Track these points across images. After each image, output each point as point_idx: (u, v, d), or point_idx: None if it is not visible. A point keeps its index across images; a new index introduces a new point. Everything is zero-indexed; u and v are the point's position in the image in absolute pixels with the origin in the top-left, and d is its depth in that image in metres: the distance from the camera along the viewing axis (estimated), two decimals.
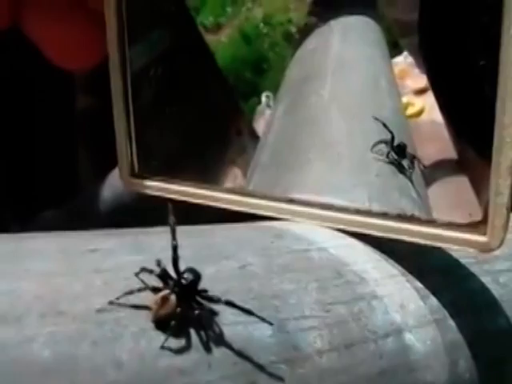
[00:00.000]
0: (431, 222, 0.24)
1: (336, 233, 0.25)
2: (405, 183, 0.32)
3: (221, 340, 0.18)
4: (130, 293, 0.18)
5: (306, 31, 0.46)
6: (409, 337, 0.24)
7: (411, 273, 0.25)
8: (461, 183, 0.39)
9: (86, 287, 0.18)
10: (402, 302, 0.24)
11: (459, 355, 0.25)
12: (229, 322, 0.19)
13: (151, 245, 0.20)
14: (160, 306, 0.18)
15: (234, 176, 0.42)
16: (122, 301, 0.17)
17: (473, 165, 0.39)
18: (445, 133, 0.37)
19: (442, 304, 0.25)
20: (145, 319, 0.17)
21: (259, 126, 0.53)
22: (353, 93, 0.38)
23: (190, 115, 0.37)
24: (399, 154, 0.32)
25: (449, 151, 0.40)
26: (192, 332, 0.18)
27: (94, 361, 0.16)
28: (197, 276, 0.18)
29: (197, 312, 0.18)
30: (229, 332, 0.19)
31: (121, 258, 0.19)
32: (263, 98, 0.57)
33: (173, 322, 0.17)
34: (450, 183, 0.44)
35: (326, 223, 0.25)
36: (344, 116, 0.36)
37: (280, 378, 0.19)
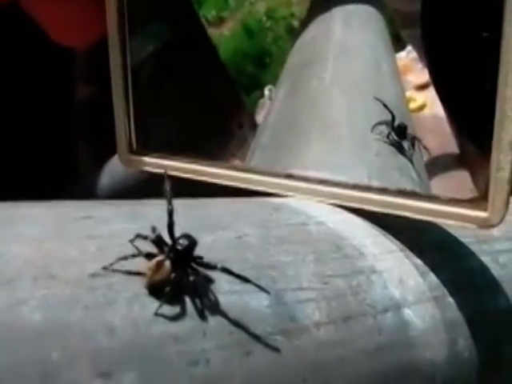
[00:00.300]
0: (431, 198, 0.24)
1: (334, 208, 0.25)
2: (405, 163, 0.32)
3: (216, 308, 0.18)
4: (124, 258, 0.17)
5: (306, 21, 0.46)
6: (408, 312, 0.23)
7: (410, 249, 0.25)
8: (461, 177, 0.39)
9: (79, 252, 0.17)
10: (400, 278, 0.24)
11: (458, 334, 0.25)
12: (224, 290, 0.18)
13: (147, 214, 0.20)
14: (154, 271, 0.17)
15: None
16: (115, 267, 0.17)
17: (473, 159, 0.39)
18: (446, 127, 0.37)
19: (441, 281, 0.25)
20: (139, 285, 0.17)
21: (261, 119, 0.53)
22: (354, 76, 0.38)
23: (191, 102, 0.37)
24: (399, 135, 0.32)
25: (450, 145, 0.40)
26: (187, 299, 0.17)
27: (85, 326, 0.16)
28: (192, 242, 0.18)
29: (192, 278, 0.18)
30: (224, 301, 0.18)
31: (115, 226, 0.19)
32: (266, 92, 0.56)
33: (167, 289, 0.17)
34: (450, 177, 0.44)
35: (324, 198, 0.25)
36: (345, 97, 0.35)
37: (276, 349, 0.18)
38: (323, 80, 0.37)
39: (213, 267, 0.18)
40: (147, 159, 0.28)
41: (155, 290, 0.17)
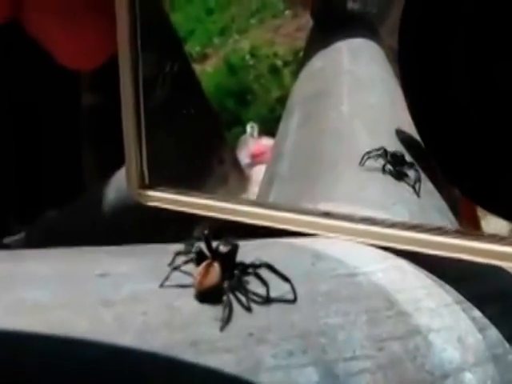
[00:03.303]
0: (492, 238, 0.21)
1: (383, 253, 0.22)
2: (442, 203, 0.30)
3: None
4: (176, 268, 0.16)
5: (307, 54, 0.45)
6: (469, 377, 0.20)
7: (468, 300, 0.22)
8: None
9: (93, 324, 0.14)
10: (459, 336, 0.20)
11: None
12: (268, 366, 0.15)
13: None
14: (203, 275, 0.16)
15: None
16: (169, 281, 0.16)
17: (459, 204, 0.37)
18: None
19: (502, 336, 0.22)
20: (167, 366, 0.14)
21: (242, 156, 0.52)
22: (372, 109, 0.36)
23: (179, 134, 0.34)
24: (397, 164, 0.29)
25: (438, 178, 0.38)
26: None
27: None
28: (234, 245, 0.17)
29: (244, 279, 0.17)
30: (269, 380, 0.15)
31: (136, 287, 0.15)
32: (248, 129, 0.56)
33: (224, 297, 0.16)
34: None
35: (369, 240, 0.22)
36: (367, 130, 0.33)
37: None
38: (341, 111, 0.35)
39: (258, 266, 0.17)
40: (159, 194, 0.25)
41: (206, 297, 0.16)
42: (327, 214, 0.23)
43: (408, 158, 0.30)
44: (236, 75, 0.60)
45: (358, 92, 0.38)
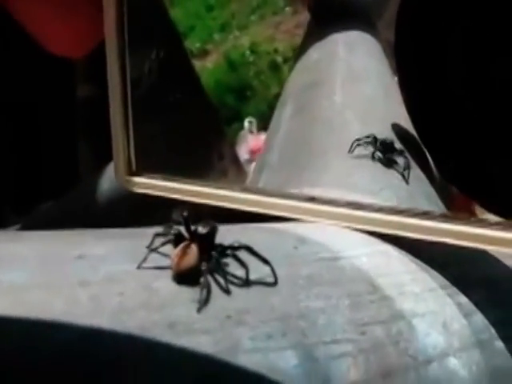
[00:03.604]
0: (479, 222, 0.21)
1: (367, 237, 0.22)
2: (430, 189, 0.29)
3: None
4: (155, 250, 0.16)
5: (304, 46, 0.45)
6: (453, 362, 0.20)
7: (454, 285, 0.22)
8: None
9: (69, 305, 0.14)
10: (444, 321, 0.20)
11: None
12: (246, 348, 0.15)
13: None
14: (181, 257, 0.16)
15: None
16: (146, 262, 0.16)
17: (455, 202, 0.37)
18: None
19: (488, 322, 0.22)
20: (143, 347, 0.14)
21: (241, 152, 0.52)
22: (365, 100, 0.36)
23: (177, 130, 0.34)
24: (387, 151, 0.29)
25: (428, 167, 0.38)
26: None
27: None
28: (213, 227, 0.17)
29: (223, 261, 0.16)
30: (247, 361, 0.15)
31: (112, 268, 0.15)
32: (246, 124, 0.56)
33: (202, 279, 0.15)
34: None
35: (354, 224, 0.22)
36: (358, 120, 0.33)
37: None
38: (333, 101, 0.35)
39: (237, 248, 0.17)
40: (147, 181, 0.25)
41: (184, 278, 0.16)
42: (312, 199, 0.23)
43: (398, 145, 0.30)
44: (236, 71, 0.61)
45: (352, 82, 0.38)
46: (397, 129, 0.33)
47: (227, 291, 0.16)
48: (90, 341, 0.14)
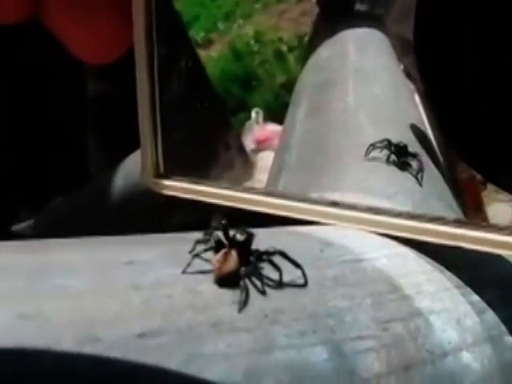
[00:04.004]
0: (492, 227, 0.22)
1: (387, 240, 0.23)
2: (444, 190, 0.31)
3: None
4: (197, 255, 0.18)
5: (313, 43, 0.45)
6: (467, 356, 0.21)
7: (467, 285, 0.23)
8: None
9: (124, 308, 0.15)
10: (458, 318, 0.22)
11: None
12: (281, 345, 0.17)
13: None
14: (222, 262, 0.17)
15: None
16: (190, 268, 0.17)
17: (464, 189, 0.38)
18: (436, 148, 0.36)
19: (499, 319, 0.23)
20: (192, 346, 0.15)
21: (247, 141, 0.52)
22: (377, 100, 0.37)
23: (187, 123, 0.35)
24: (401, 155, 0.30)
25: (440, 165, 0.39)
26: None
27: None
28: (250, 233, 0.18)
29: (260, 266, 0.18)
30: (283, 357, 0.16)
31: (160, 272, 0.17)
32: (253, 114, 0.56)
33: (241, 282, 0.17)
34: None
35: (376, 228, 0.23)
36: (372, 122, 0.34)
37: None
38: (347, 103, 0.36)
39: (271, 253, 0.18)
40: (175, 183, 0.26)
41: (225, 282, 0.17)
42: (335, 204, 0.24)
43: (411, 148, 0.31)
44: (241, 60, 0.61)
45: (363, 83, 0.39)
46: (408, 129, 0.34)
47: (263, 292, 0.17)
48: (144, 339, 0.15)
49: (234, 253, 0.18)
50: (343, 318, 0.18)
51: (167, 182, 0.27)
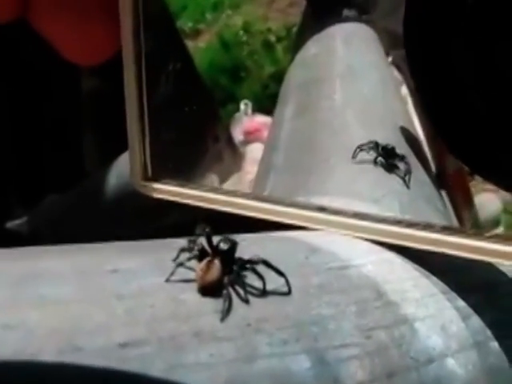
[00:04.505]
0: (479, 235, 0.22)
1: (373, 246, 0.23)
2: (431, 193, 0.31)
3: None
4: (181, 265, 0.18)
5: (301, 38, 0.45)
6: (451, 362, 0.22)
7: (453, 290, 0.23)
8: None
9: (107, 317, 0.15)
10: (443, 324, 0.22)
11: (500, 381, 0.23)
12: (264, 354, 0.17)
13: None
14: (205, 271, 0.17)
15: (210, 183, 0.41)
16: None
17: (451, 180, 0.38)
18: (424, 148, 0.36)
19: (484, 324, 0.23)
20: (173, 355, 0.15)
21: (236, 133, 0.52)
22: (364, 99, 0.37)
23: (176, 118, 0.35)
24: (389, 157, 0.30)
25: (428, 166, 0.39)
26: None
27: None
28: (233, 242, 0.18)
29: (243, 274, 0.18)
30: (265, 366, 0.16)
31: (144, 281, 0.17)
32: (242, 106, 0.56)
33: (225, 292, 0.17)
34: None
35: (363, 234, 0.23)
36: (359, 121, 0.34)
37: None
38: (334, 101, 0.36)
39: (255, 262, 0.18)
40: (163, 186, 0.27)
41: (208, 291, 0.17)
42: (322, 209, 0.24)
43: (399, 150, 0.31)
44: (229, 51, 0.60)
45: (351, 80, 0.39)
46: (396, 130, 0.34)
47: (247, 301, 0.17)
48: (126, 348, 0.15)
49: (217, 262, 0.18)
50: (327, 325, 0.19)
51: (155, 185, 0.27)
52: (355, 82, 0.38)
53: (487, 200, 0.40)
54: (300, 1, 0.51)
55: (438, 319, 0.22)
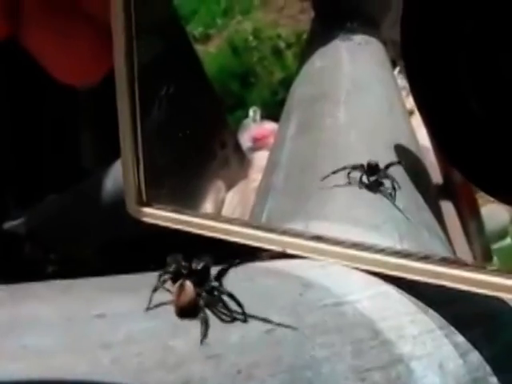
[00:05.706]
0: (479, 268, 0.22)
1: (369, 277, 0.23)
2: (430, 219, 0.30)
3: None
4: (155, 290, 0.18)
5: (309, 49, 0.45)
6: None
7: (451, 324, 0.23)
8: (445, 208, 0.38)
9: (92, 367, 0.15)
10: (440, 362, 0.22)
11: None
12: None
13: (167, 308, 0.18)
14: (179, 293, 0.17)
15: (217, 189, 0.40)
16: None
17: (458, 190, 0.38)
18: (431, 157, 0.36)
19: (483, 359, 0.23)
20: None
21: (244, 139, 0.52)
22: (369, 116, 0.36)
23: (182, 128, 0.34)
24: (373, 173, 0.29)
25: (435, 176, 0.38)
26: None
27: None
28: (207, 262, 0.18)
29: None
30: None
31: (132, 327, 0.16)
32: (250, 113, 0.55)
33: (201, 315, 0.17)
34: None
35: (359, 265, 0.23)
36: (363, 141, 0.33)
37: None
38: (338, 119, 0.35)
39: (222, 292, 0.18)
40: (156, 212, 0.26)
41: (184, 313, 0.17)
42: (318, 238, 0.24)
43: (399, 170, 0.30)
44: (239, 57, 0.60)
45: (355, 96, 0.38)
46: (400, 149, 0.33)
47: (224, 321, 0.17)
48: None
49: (188, 283, 0.17)
50: (321, 369, 0.18)
51: (149, 210, 0.26)
52: (360, 98, 0.38)
53: (494, 211, 0.39)
54: (310, 7, 0.51)
55: (436, 357, 0.21)
